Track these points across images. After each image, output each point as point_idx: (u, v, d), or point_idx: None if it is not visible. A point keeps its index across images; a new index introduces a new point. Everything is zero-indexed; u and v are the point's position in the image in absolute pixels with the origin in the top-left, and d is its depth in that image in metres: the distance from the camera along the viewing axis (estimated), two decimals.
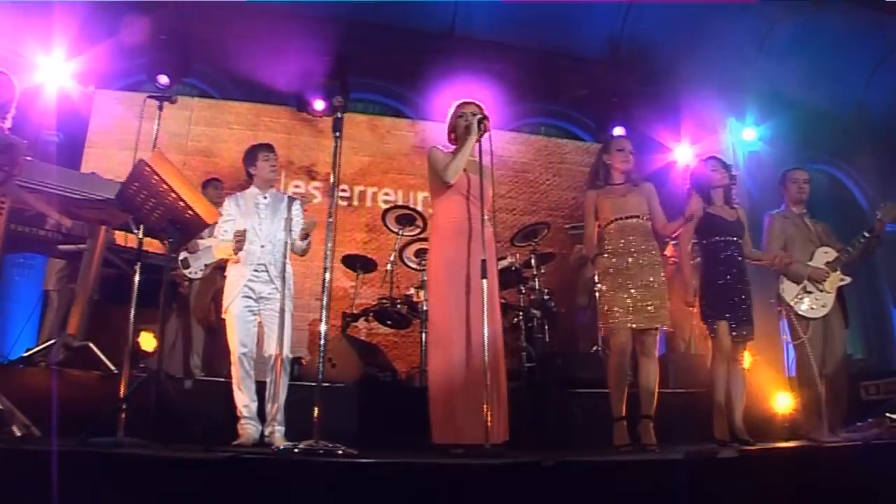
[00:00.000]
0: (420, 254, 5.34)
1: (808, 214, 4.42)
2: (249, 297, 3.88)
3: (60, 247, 4.81)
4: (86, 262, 4.74)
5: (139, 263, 3.31)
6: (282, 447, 3.22)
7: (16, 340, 5.48)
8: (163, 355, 4.17)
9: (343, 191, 7.05)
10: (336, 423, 4.30)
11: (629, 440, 3.59)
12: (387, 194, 7.33)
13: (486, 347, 3.12)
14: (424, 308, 5.14)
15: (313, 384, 4.65)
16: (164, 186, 2.89)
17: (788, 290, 4.24)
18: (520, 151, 7.73)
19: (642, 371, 3.73)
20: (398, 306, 5.21)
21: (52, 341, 4.64)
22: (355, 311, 5.42)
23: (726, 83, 7.61)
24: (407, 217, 5.46)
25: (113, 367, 4.58)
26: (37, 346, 4.81)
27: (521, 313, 5.46)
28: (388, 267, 5.44)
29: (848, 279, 4.26)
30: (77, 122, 6.57)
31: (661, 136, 7.59)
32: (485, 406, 3.03)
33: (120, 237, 5.37)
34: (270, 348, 3.88)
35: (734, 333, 3.95)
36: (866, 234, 4.23)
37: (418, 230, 5.52)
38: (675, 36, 7.49)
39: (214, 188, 5.51)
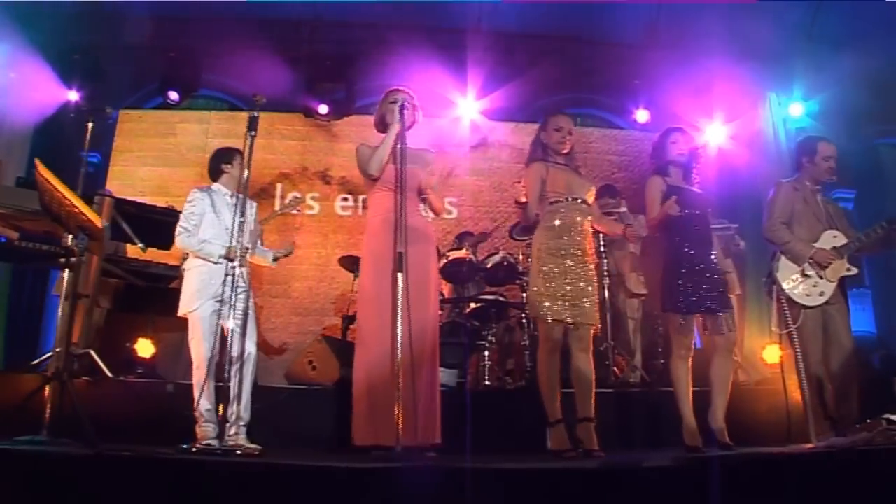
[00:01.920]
0: None
1: (823, 192, 3.92)
2: (218, 300, 3.87)
3: (62, 259, 5.12)
4: (83, 273, 5.00)
5: None
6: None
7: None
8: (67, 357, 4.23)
9: (344, 199, 7.07)
10: (313, 424, 4.33)
11: (570, 444, 3.30)
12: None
13: (399, 346, 2.98)
14: None
15: (293, 387, 4.79)
16: (59, 193, 2.97)
17: (784, 270, 3.77)
18: None
19: (577, 368, 3.41)
20: None
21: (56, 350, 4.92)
22: (350, 314, 5.39)
23: (766, 56, 7.02)
24: None
25: (109, 374, 4.83)
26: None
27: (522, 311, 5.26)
28: None
29: (854, 270, 3.76)
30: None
31: (692, 116, 7.05)
32: (396, 407, 2.91)
33: (132, 250, 5.65)
34: (235, 349, 3.89)
35: (711, 325, 3.58)
36: (885, 224, 3.71)
37: None
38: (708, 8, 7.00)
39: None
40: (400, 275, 3.07)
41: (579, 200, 3.52)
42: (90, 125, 4.11)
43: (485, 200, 7.16)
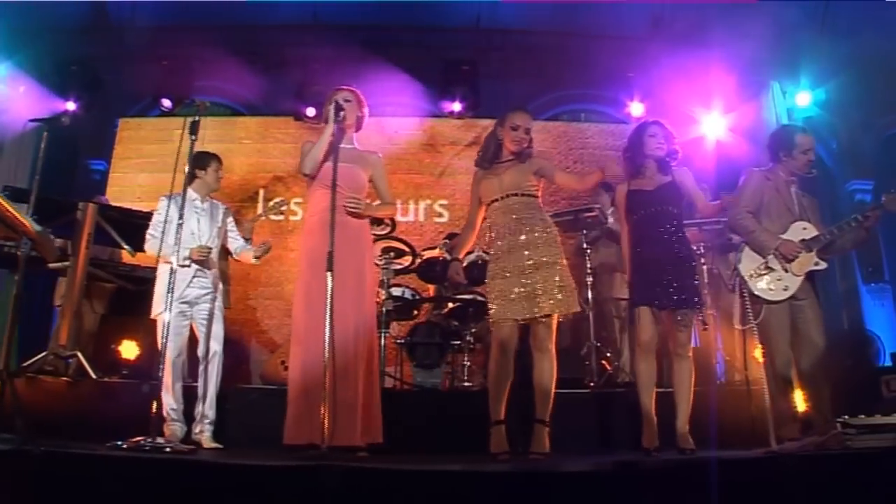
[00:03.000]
0: (385, 252, 5.22)
1: (798, 184, 3.72)
2: (184, 302, 3.95)
3: (51, 265, 5.29)
4: (69, 278, 5.16)
5: None
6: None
7: None
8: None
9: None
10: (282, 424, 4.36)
11: (507, 447, 3.19)
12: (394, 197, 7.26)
13: (326, 344, 2.96)
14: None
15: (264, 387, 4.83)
16: None
17: (747, 261, 3.58)
18: (538, 140, 7.26)
19: (535, 368, 3.28)
20: None
21: (44, 353, 5.09)
22: None
23: (770, 44, 6.79)
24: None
25: (93, 375, 4.96)
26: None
27: None
28: None
29: (823, 264, 3.55)
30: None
31: (690, 108, 6.87)
32: (322, 406, 2.89)
33: (127, 257, 5.79)
34: (200, 349, 3.96)
35: (667, 321, 3.46)
36: (859, 218, 3.50)
37: (388, 228, 5.42)
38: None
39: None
40: (329, 274, 3.05)
41: (518, 194, 3.41)
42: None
43: None
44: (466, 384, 5.03)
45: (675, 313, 3.44)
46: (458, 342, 5.04)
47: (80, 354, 4.99)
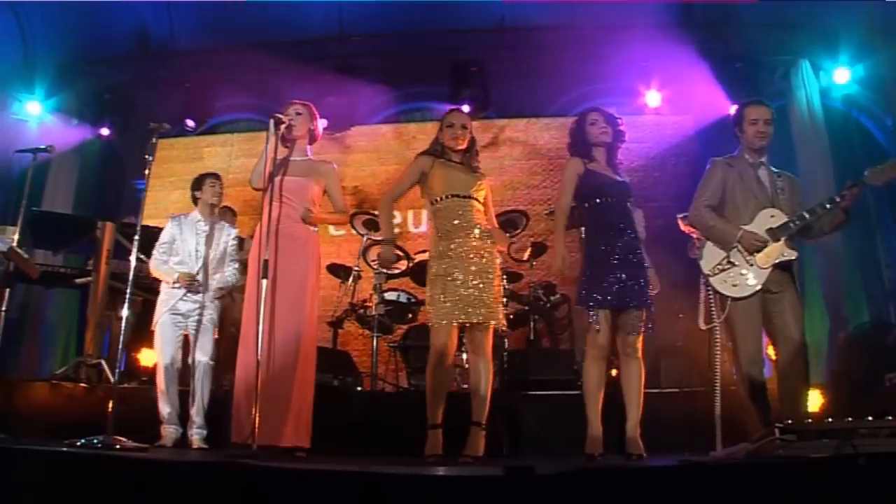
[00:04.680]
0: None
1: (768, 165, 3.46)
2: (177, 314, 4.19)
3: (77, 280, 5.71)
4: (92, 292, 5.55)
5: None
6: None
7: None
8: None
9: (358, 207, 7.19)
10: None
11: (441, 450, 3.18)
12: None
13: (259, 349, 3.09)
14: (372, 313, 5.10)
15: None
16: None
17: (709, 258, 3.37)
18: (555, 137, 7.17)
19: (471, 371, 3.29)
20: (357, 311, 5.24)
21: (74, 361, 5.50)
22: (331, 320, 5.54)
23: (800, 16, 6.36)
24: (373, 221, 5.43)
25: (112, 381, 5.31)
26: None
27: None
28: (353, 272, 5.45)
29: (793, 254, 3.29)
30: None
31: (716, 93, 6.51)
32: (254, 407, 3.01)
33: None
34: (194, 356, 4.16)
35: (619, 322, 3.32)
36: (835, 199, 3.23)
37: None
38: None
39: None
40: (265, 281, 3.15)
41: (461, 196, 3.39)
42: None
43: (496, 200, 6.98)
44: (465, 387, 5.01)
45: (627, 314, 3.31)
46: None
47: (103, 362, 5.38)
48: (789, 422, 2.61)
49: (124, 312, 3.57)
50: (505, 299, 5.13)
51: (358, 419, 4.30)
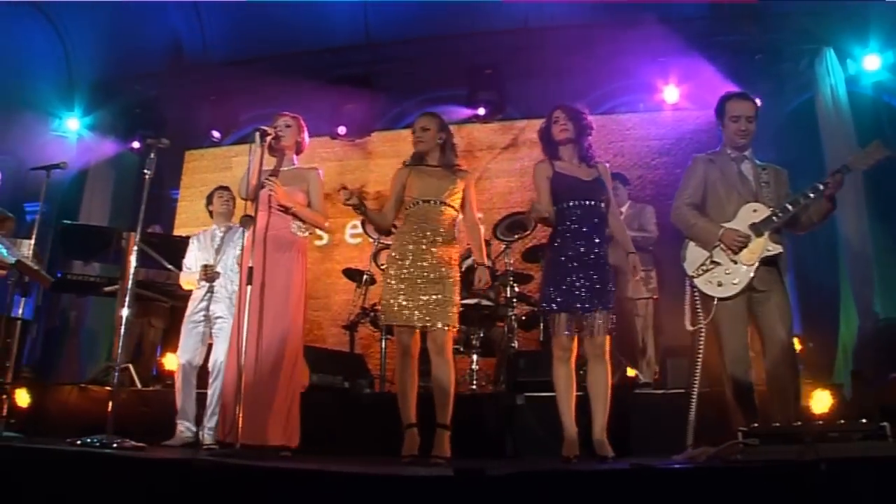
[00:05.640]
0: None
1: (752, 159, 3.35)
2: (202, 317, 4.42)
3: (105, 288, 6.00)
4: (119, 300, 5.82)
5: None
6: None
7: None
8: None
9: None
10: None
11: (416, 451, 3.23)
12: None
13: (243, 351, 3.22)
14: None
15: None
16: None
17: (692, 258, 3.29)
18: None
19: (433, 373, 3.33)
20: (369, 315, 5.33)
21: (103, 365, 5.80)
22: (344, 324, 5.67)
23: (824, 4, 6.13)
24: None
25: (139, 385, 5.58)
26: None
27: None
28: (365, 276, 5.55)
29: (778, 248, 3.18)
30: None
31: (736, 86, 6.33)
32: (238, 408, 3.14)
33: None
34: (214, 360, 4.32)
35: (579, 326, 3.30)
36: (819, 187, 3.11)
37: None
38: None
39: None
40: (249, 287, 3.29)
41: (431, 202, 3.44)
42: None
43: (515, 202, 7.01)
44: (473, 388, 5.05)
45: (592, 316, 3.29)
46: (457, 346, 5.05)
47: (131, 367, 5.65)
48: (755, 425, 2.55)
49: (124, 312, 3.70)
50: (514, 300, 5.25)
51: (362, 420, 4.40)
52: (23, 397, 5.03)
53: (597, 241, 3.36)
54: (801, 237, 6.39)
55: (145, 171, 3.74)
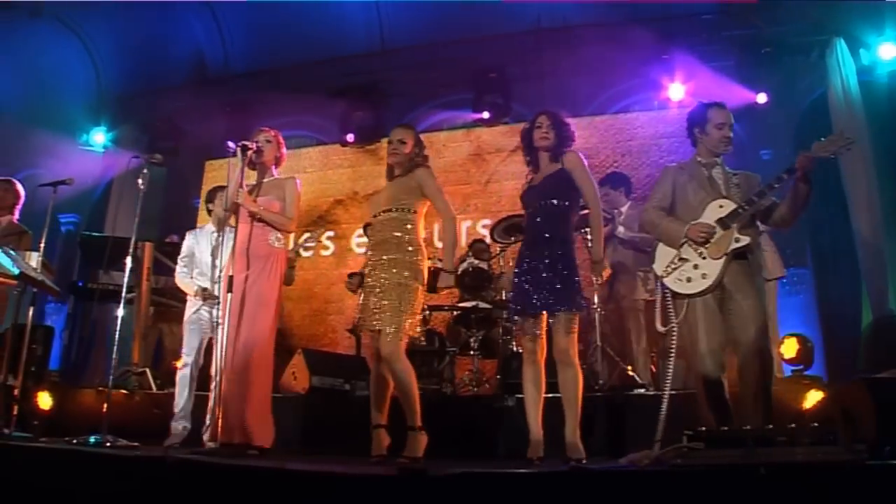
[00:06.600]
0: None
1: (723, 165, 3.35)
2: (201, 319, 4.59)
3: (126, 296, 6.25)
4: (135, 307, 6.07)
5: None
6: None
7: None
8: None
9: None
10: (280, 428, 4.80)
11: (384, 451, 3.33)
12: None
13: (222, 356, 3.42)
14: None
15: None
16: None
17: (661, 258, 3.28)
18: (583, 137, 7.03)
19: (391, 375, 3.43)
20: None
21: (122, 370, 6.05)
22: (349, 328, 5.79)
23: None
24: None
25: (154, 388, 5.81)
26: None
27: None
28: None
29: (746, 239, 3.13)
30: None
31: (745, 82, 6.22)
32: (217, 409, 3.33)
33: None
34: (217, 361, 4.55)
35: (554, 327, 3.31)
36: (782, 177, 3.10)
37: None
38: None
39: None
40: (230, 295, 3.46)
41: (381, 212, 3.55)
42: None
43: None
44: (474, 390, 5.11)
45: (556, 319, 3.29)
46: (455, 349, 5.12)
47: (147, 371, 5.89)
48: (702, 428, 2.53)
49: (119, 311, 3.94)
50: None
51: (361, 421, 4.46)
52: (45, 400, 5.28)
53: (547, 237, 3.36)
54: (819, 237, 6.29)
55: (140, 184, 3.90)
